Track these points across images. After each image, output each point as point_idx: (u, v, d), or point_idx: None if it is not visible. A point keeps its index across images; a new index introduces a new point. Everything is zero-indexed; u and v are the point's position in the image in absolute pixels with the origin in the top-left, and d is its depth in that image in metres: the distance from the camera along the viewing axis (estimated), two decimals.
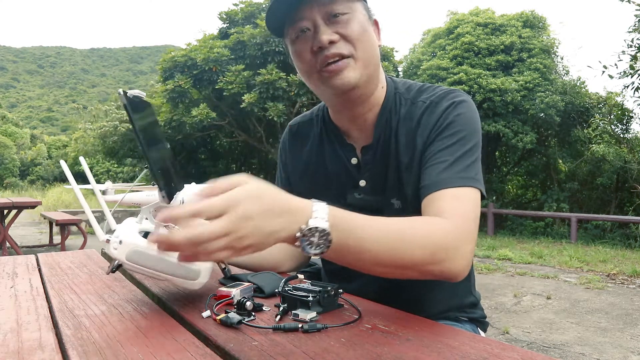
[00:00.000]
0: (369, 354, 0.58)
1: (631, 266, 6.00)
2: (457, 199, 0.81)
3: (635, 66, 7.77)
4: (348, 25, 0.88)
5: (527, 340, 3.31)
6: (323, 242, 0.63)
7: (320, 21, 0.88)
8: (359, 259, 0.70)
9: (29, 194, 19.88)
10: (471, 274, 1.09)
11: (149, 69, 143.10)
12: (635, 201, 9.75)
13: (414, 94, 0.97)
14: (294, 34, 0.91)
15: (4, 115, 41.01)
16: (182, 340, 0.63)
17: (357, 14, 0.90)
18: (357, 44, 0.88)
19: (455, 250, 0.75)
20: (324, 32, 0.87)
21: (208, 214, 0.55)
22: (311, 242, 0.63)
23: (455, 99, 0.92)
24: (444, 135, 0.89)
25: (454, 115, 0.90)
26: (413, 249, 0.72)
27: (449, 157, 0.86)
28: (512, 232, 10.24)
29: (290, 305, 0.75)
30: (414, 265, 0.73)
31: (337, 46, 0.87)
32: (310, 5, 0.87)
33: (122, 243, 0.73)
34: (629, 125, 10.43)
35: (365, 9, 0.94)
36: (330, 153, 1.03)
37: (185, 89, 10.03)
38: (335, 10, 0.87)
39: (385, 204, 0.96)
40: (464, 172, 0.84)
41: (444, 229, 0.75)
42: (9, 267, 1.17)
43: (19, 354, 0.58)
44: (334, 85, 0.90)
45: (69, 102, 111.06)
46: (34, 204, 6.00)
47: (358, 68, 0.89)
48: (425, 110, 0.93)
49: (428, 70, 10.58)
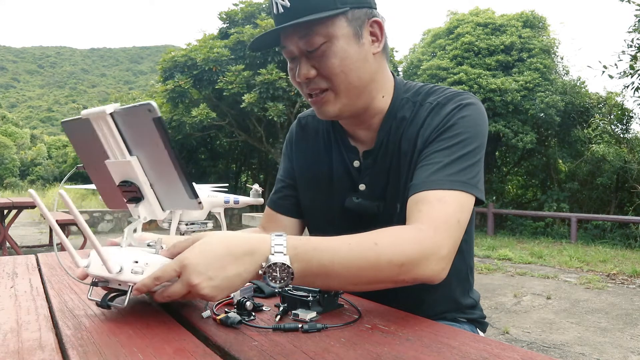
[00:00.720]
0: (369, 354, 0.58)
1: (631, 266, 6.00)
2: (441, 202, 0.79)
3: (635, 66, 7.77)
4: (324, 60, 0.87)
5: (527, 340, 3.31)
6: (285, 275, 0.66)
7: (299, 54, 0.89)
8: (327, 283, 0.72)
9: (29, 194, 19.85)
10: (469, 275, 1.09)
11: (149, 69, 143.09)
12: (635, 201, 9.76)
13: (423, 96, 0.95)
14: (285, 56, 0.94)
15: (4, 115, 41.04)
16: (182, 340, 0.62)
17: (335, 42, 0.86)
18: (334, 78, 0.88)
19: (427, 258, 0.73)
20: (302, 67, 0.89)
21: (167, 278, 0.65)
22: (274, 277, 0.66)
23: (462, 101, 0.90)
24: (444, 136, 0.87)
25: (457, 117, 0.88)
26: (379, 266, 0.71)
27: (444, 158, 0.84)
28: (512, 232, 10.24)
29: (290, 305, 0.75)
30: (384, 279, 0.73)
31: (315, 82, 0.90)
32: (290, 37, 0.88)
33: (149, 264, 0.68)
34: (629, 125, 10.44)
35: (352, 20, 0.87)
36: (335, 151, 1.04)
37: (185, 89, 10.03)
38: (310, 45, 0.86)
39: (388, 208, 0.95)
40: (456, 175, 0.82)
41: (412, 239, 0.74)
42: (9, 267, 1.17)
43: (19, 354, 0.58)
44: (318, 115, 0.96)
45: (69, 102, 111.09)
46: (34, 204, 5.99)
47: (338, 100, 0.91)
48: (431, 111, 0.91)
49: (428, 70, 10.58)
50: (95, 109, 0.71)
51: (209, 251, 0.65)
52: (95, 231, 9.80)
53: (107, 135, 0.71)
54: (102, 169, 0.76)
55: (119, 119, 0.70)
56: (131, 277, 0.68)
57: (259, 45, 0.93)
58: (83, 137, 0.76)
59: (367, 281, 0.72)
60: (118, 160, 0.73)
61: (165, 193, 0.75)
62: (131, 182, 0.73)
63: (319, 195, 1.05)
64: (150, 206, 0.75)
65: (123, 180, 0.74)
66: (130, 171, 0.73)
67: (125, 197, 0.75)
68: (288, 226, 1.11)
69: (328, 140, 1.05)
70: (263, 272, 0.66)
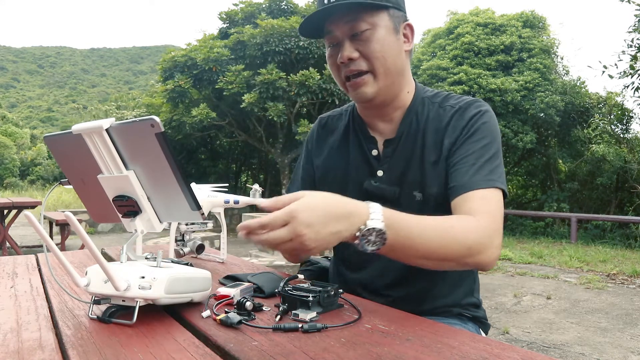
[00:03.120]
0: (369, 354, 0.58)
1: (631, 266, 6.00)
2: (484, 200, 0.90)
3: (635, 66, 7.77)
4: (367, 44, 0.96)
5: (527, 340, 3.31)
6: (379, 240, 0.73)
7: (344, 37, 0.97)
8: (406, 253, 0.80)
9: (29, 194, 19.87)
10: (475, 277, 1.14)
11: (149, 69, 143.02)
12: (635, 201, 9.75)
13: (441, 99, 1.06)
14: (327, 42, 1.02)
15: (4, 115, 41.00)
16: (182, 340, 0.63)
17: (378, 29, 0.96)
18: (375, 61, 0.97)
19: (487, 245, 0.84)
20: (345, 49, 0.97)
21: (273, 225, 0.67)
22: (369, 240, 0.72)
23: (481, 107, 1.01)
24: (472, 140, 0.97)
25: (480, 122, 0.99)
26: (453, 245, 0.81)
27: (476, 161, 0.95)
28: (512, 232, 10.23)
29: (290, 305, 0.75)
30: (453, 258, 0.83)
31: (357, 63, 0.98)
32: (336, 22, 0.97)
33: (157, 279, 0.68)
34: (629, 125, 10.44)
35: (392, 16, 0.98)
36: (353, 143, 1.11)
37: (185, 89, 10.02)
38: (356, 29, 0.96)
39: (405, 195, 1.03)
40: (490, 175, 0.93)
41: (477, 227, 0.85)
42: (9, 267, 1.17)
43: (19, 354, 0.58)
44: (354, 97, 1.03)
45: (69, 102, 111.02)
46: (34, 204, 6.00)
47: (376, 82, 0.99)
48: (454, 114, 1.01)
49: (428, 70, 10.58)
50: (88, 123, 0.70)
51: (318, 207, 0.69)
52: (95, 231, 9.79)
53: (101, 150, 0.70)
54: (92, 184, 0.75)
55: (115, 134, 0.69)
56: (139, 293, 0.67)
57: (307, 29, 1.01)
58: (69, 152, 0.75)
59: (439, 257, 0.82)
60: (113, 175, 0.72)
61: (165, 205, 0.74)
62: (128, 196, 0.73)
63: (336, 184, 1.11)
64: (148, 219, 0.74)
65: (118, 195, 0.73)
66: (126, 185, 0.72)
67: (120, 211, 0.75)
68: None
69: (346, 133, 1.14)
70: (362, 234, 0.71)
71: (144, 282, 0.68)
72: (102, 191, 0.75)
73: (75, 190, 0.80)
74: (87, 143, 0.71)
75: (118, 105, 19.27)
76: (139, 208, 0.73)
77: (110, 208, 0.75)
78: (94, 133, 0.69)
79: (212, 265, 1.21)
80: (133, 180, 0.71)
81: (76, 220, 0.65)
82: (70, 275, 0.68)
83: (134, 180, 0.71)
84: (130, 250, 0.75)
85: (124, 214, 0.75)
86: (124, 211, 0.74)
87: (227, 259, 1.29)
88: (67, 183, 0.81)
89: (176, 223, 1.19)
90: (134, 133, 0.68)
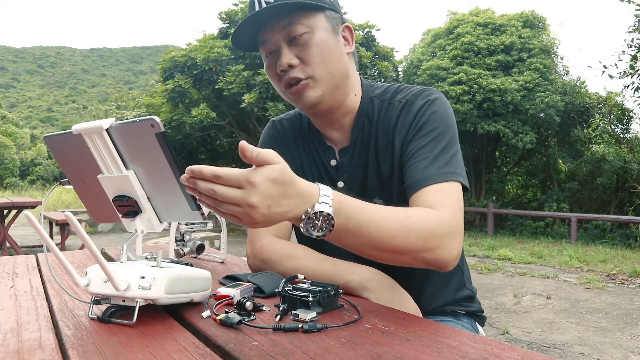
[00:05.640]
0: (369, 354, 0.58)
1: (631, 266, 6.00)
2: (442, 193, 0.85)
3: (635, 66, 7.77)
4: (307, 48, 0.92)
5: (527, 340, 3.31)
6: (326, 225, 0.68)
7: (282, 43, 0.93)
8: (356, 242, 0.75)
9: (29, 194, 19.88)
10: (463, 268, 1.11)
11: (149, 69, 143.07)
12: (635, 201, 9.75)
13: (391, 95, 1.01)
14: (264, 52, 0.97)
15: (4, 115, 41.00)
16: (182, 340, 0.63)
17: (317, 32, 0.92)
18: (316, 67, 0.93)
19: (446, 240, 0.79)
20: (284, 55, 0.93)
21: (226, 180, 0.61)
22: (314, 224, 0.67)
23: (429, 97, 0.96)
24: (421, 133, 0.92)
25: (428, 113, 0.93)
26: (408, 236, 0.76)
27: (429, 154, 0.90)
28: (512, 232, 10.24)
29: (290, 305, 0.75)
30: (408, 251, 0.77)
31: (296, 70, 0.93)
32: (271, 29, 0.93)
33: (157, 279, 0.68)
34: (629, 125, 10.45)
35: (330, 18, 0.95)
36: (310, 154, 1.07)
37: (185, 89, 10.03)
38: (293, 32, 0.92)
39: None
40: (445, 168, 0.88)
41: (437, 219, 0.80)
42: (9, 267, 1.17)
43: (19, 354, 0.58)
44: (299, 105, 0.98)
45: (69, 102, 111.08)
46: (34, 204, 6.00)
47: (318, 87, 0.94)
48: (402, 109, 0.97)
49: (428, 71, 10.58)
50: (88, 123, 0.70)
51: (278, 181, 0.63)
52: (95, 231, 9.79)
53: (101, 150, 0.70)
54: (92, 184, 0.75)
55: (115, 134, 0.69)
56: (139, 292, 0.67)
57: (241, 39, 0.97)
58: (69, 152, 0.75)
59: (392, 249, 0.76)
60: (113, 175, 0.72)
61: (165, 206, 0.74)
62: (127, 196, 0.73)
63: None
64: (148, 219, 0.74)
65: (118, 195, 0.73)
66: (126, 185, 0.72)
67: (120, 211, 0.75)
68: (282, 224, 1.09)
69: (302, 142, 1.08)
70: (307, 217, 0.66)
71: (144, 282, 0.68)
72: (102, 191, 0.75)
73: (75, 190, 0.80)
74: (87, 143, 0.71)
75: (118, 105, 19.26)
76: (139, 208, 0.73)
77: (110, 208, 0.75)
78: (94, 133, 0.69)
79: (212, 265, 1.21)
80: (133, 180, 0.71)
81: (76, 220, 0.65)
82: (70, 275, 0.68)
83: (134, 180, 0.71)
84: (130, 250, 0.75)
85: (124, 214, 0.75)
86: (124, 211, 0.74)
87: (227, 259, 1.29)
88: (67, 183, 0.81)
89: (176, 223, 1.19)
90: (134, 133, 0.68)
